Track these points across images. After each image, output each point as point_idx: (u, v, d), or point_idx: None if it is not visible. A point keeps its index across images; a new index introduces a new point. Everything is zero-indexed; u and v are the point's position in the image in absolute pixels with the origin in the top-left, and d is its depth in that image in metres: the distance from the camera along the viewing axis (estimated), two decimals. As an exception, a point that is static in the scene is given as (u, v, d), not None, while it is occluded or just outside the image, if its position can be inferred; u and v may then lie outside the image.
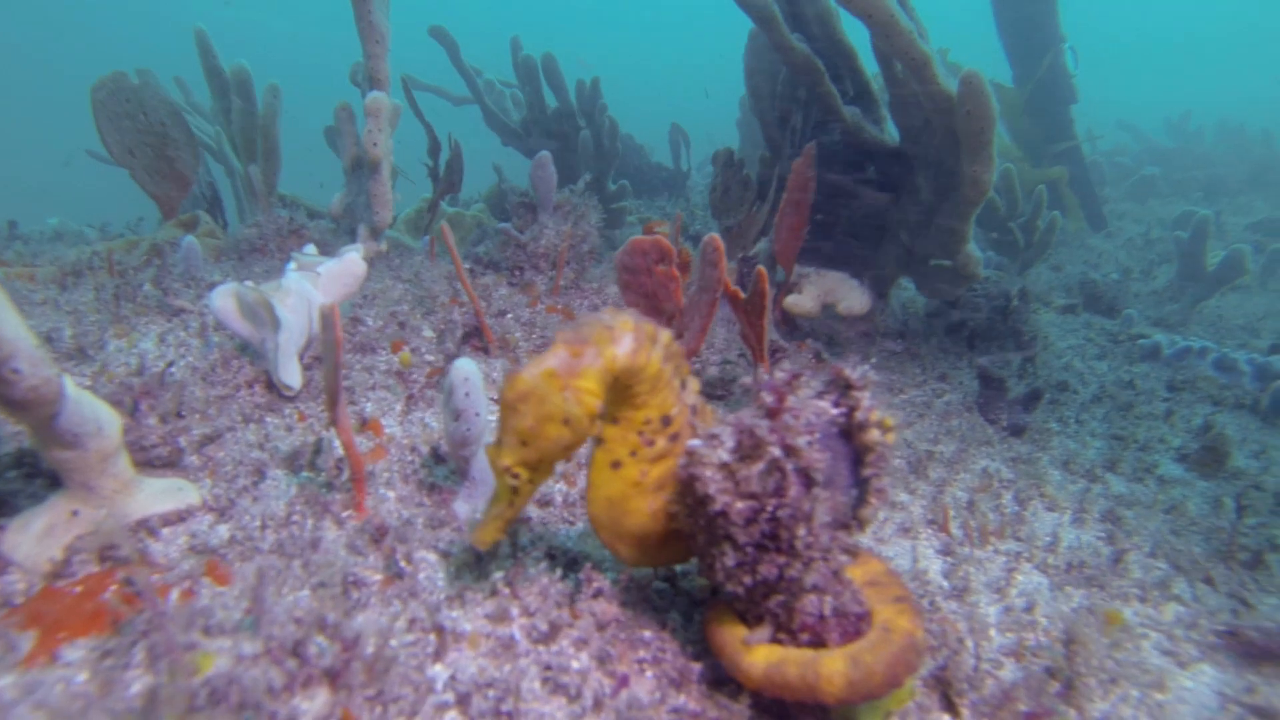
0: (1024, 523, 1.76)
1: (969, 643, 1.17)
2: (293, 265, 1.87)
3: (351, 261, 1.85)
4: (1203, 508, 2.05)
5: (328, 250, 2.82)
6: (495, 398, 1.76)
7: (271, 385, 1.66)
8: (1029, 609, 1.36)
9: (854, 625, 0.91)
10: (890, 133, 3.02)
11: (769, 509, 0.82)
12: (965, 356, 2.99)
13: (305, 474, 1.36)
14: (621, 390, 0.95)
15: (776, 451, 0.81)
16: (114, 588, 1.04)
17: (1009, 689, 1.05)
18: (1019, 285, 3.18)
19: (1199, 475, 2.31)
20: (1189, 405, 2.85)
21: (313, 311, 1.78)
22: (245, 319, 1.67)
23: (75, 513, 1.14)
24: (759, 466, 0.82)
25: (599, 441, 0.99)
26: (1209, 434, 2.40)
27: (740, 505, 0.83)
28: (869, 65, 2.91)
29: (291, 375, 1.62)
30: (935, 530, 1.64)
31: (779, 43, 2.67)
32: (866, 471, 0.89)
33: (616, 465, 0.98)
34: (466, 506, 1.23)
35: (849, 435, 0.90)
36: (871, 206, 3.20)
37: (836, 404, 0.91)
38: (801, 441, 0.84)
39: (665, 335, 0.98)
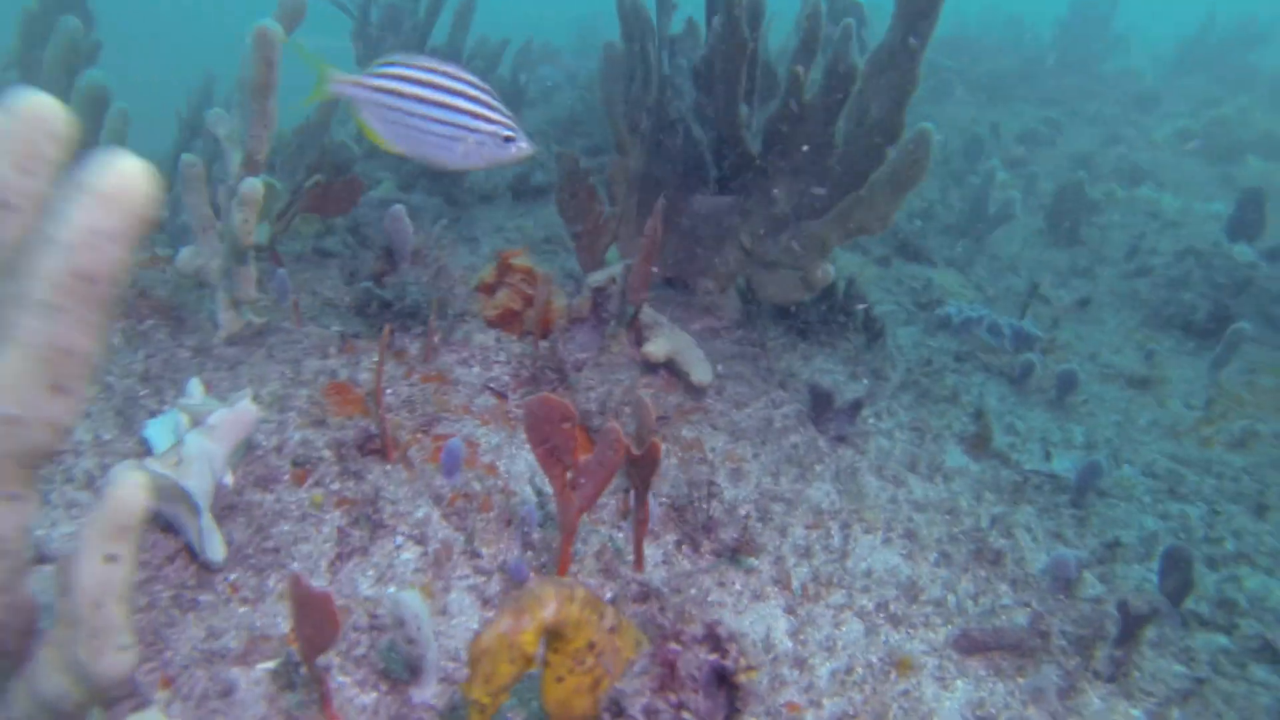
0: (848, 557, 2.25)
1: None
2: (182, 416, 1.93)
3: (244, 410, 1.92)
4: (971, 502, 2.64)
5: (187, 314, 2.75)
6: (408, 534, 1.95)
7: (191, 553, 1.78)
8: (850, 669, 1.84)
9: (734, 792, 1.30)
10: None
11: (675, 758, 1.17)
12: (799, 348, 3.43)
13: (265, 665, 1.56)
14: (554, 633, 1.28)
15: (679, 728, 1.15)
16: None
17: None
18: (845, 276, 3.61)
19: (973, 459, 2.92)
20: (968, 375, 3.48)
21: (214, 465, 1.88)
22: (155, 499, 1.76)
23: (75, 781, 1.31)
24: (667, 734, 1.16)
25: (546, 664, 1.32)
26: (979, 420, 3.01)
27: (655, 759, 1.17)
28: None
29: (217, 551, 1.75)
30: (780, 588, 2.08)
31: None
32: (740, 705, 1.25)
33: (560, 680, 1.32)
34: (423, 692, 1.50)
35: (722, 675, 1.25)
36: (713, 211, 3.48)
37: (712, 651, 1.26)
38: (688, 698, 1.18)
39: (580, 591, 1.29)
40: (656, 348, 2.94)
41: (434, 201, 4.84)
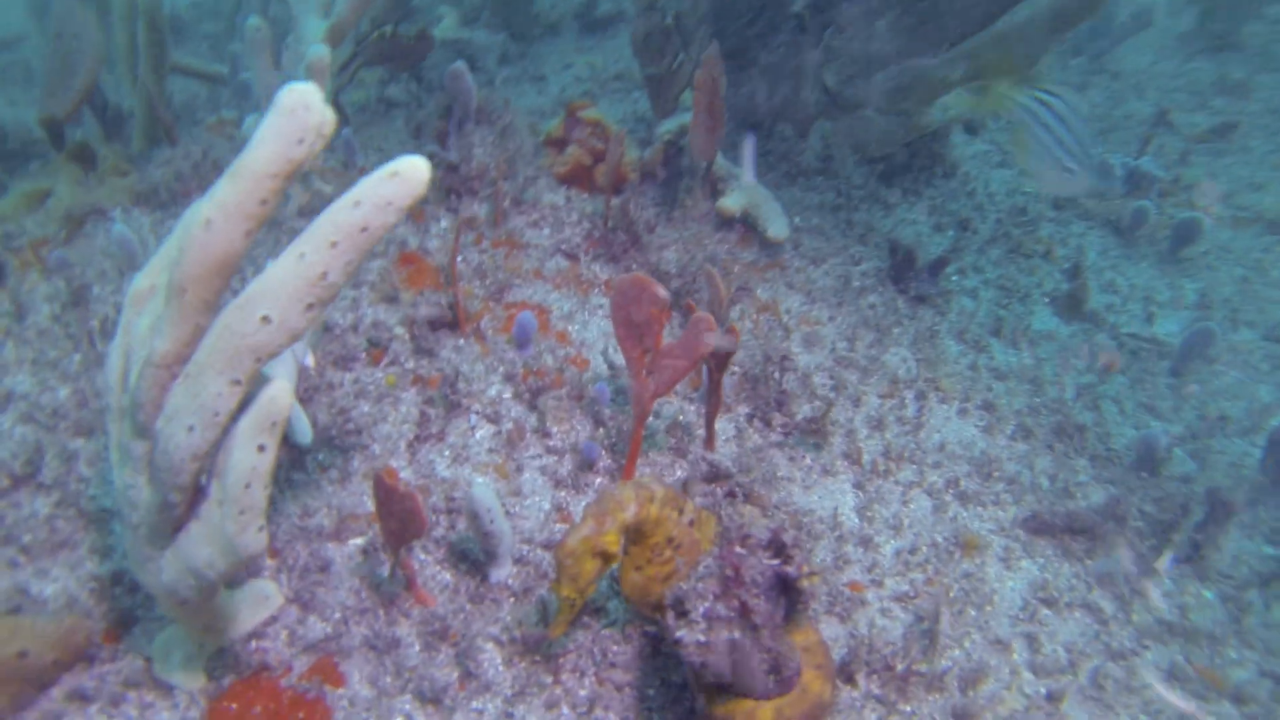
0: (921, 429, 2.21)
1: (867, 616, 1.67)
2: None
3: (316, 295, 1.96)
4: (1057, 370, 2.51)
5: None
6: (481, 413, 2.01)
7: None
8: (914, 548, 1.86)
9: (792, 680, 1.37)
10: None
11: (731, 656, 1.23)
12: (881, 196, 3.21)
13: (355, 542, 1.69)
14: (635, 530, 1.34)
15: (736, 634, 1.19)
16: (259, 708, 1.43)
17: (887, 657, 1.57)
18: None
19: (1064, 321, 2.75)
20: (1067, 225, 3.20)
21: (295, 349, 1.95)
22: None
23: (202, 645, 1.49)
24: (724, 637, 1.21)
25: (626, 554, 1.39)
26: (1075, 276, 2.80)
27: (712, 658, 1.23)
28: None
29: (305, 434, 1.85)
30: (850, 463, 2.07)
31: None
32: (800, 606, 1.28)
33: (639, 569, 1.39)
34: (499, 573, 1.60)
35: (784, 581, 1.28)
36: (790, 48, 3.16)
37: (775, 556, 1.27)
38: (750, 602, 1.22)
39: (660, 491, 1.34)
40: (732, 202, 2.80)
41: (498, 38, 4.58)
